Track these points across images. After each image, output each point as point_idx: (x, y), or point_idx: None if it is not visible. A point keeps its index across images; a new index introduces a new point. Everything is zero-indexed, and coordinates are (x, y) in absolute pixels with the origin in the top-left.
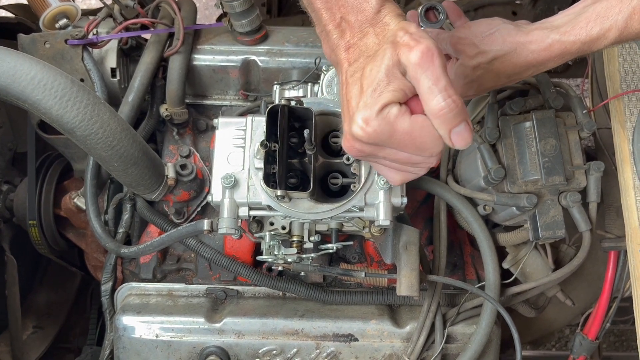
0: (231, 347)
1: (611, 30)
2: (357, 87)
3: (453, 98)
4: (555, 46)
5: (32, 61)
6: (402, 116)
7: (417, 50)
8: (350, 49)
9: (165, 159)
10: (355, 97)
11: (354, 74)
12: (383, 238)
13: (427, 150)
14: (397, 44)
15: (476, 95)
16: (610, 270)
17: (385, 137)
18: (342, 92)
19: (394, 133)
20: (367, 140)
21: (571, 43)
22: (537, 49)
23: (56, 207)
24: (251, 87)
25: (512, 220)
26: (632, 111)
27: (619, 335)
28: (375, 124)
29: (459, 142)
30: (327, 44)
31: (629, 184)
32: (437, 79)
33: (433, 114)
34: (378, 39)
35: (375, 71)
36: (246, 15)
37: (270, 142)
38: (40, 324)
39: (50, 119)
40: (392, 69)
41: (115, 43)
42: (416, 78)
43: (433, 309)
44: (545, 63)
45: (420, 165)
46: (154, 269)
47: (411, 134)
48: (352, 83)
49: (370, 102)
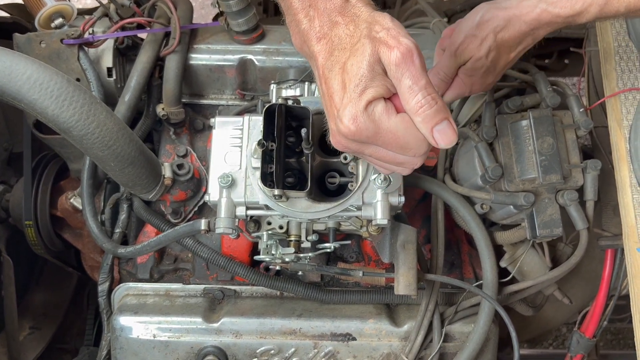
0: (229, 347)
1: (592, 5)
2: (337, 81)
3: (432, 95)
4: (543, 15)
5: (27, 61)
6: (388, 114)
7: (397, 51)
8: (322, 40)
9: (162, 159)
10: (337, 92)
11: (333, 68)
12: (381, 237)
13: (411, 150)
14: (375, 39)
15: (494, 82)
16: (607, 269)
17: (370, 134)
18: (320, 87)
19: (379, 131)
20: (354, 137)
21: (556, 16)
22: (528, 19)
23: (52, 207)
24: (248, 87)
25: (509, 219)
26: (629, 109)
27: (616, 333)
28: (361, 121)
29: (442, 140)
30: (298, 35)
31: (625, 182)
32: (418, 78)
33: (414, 112)
34: (349, 29)
35: (357, 66)
36: (242, 14)
37: (268, 141)
38: (37, 325)
39: (46, 118)
40: (373, 65)
41: (111, 42)
42: (397, 78)
43: (431, 307)
44: (537, 30)
45: (404, 165)
46: (151, 269)
47: (395, 132)
48: (332, 78)
49: (354, 97)
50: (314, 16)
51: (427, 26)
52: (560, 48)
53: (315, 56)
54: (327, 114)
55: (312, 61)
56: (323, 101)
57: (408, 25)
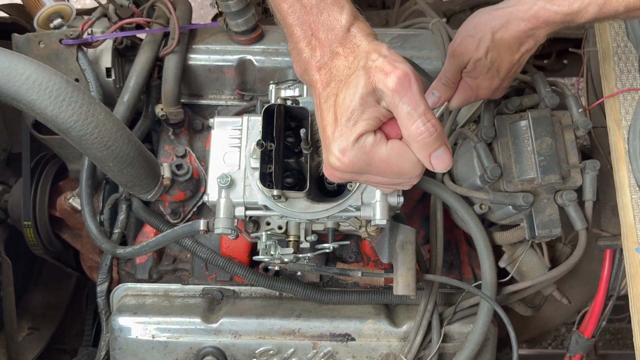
0: (228, 347)
1: (591, 4)
2: (331, 115)
3: (432, 122)
4: (541, 12)
5: (26, 61)
6: (378, 144)
7: (393, 76)
8: (322, 69)
9: (161, 159)
10: (330, 125)
11: (328, 100)
12: (380, 237)
13: (406, 174)
14: (370, 69)
15: (503, 87)
16: (606, 269)
17: (363, 166)
18: (317, 117)
19: (372, 162)
20: (345, 170)
21: (554, 13)
22: (526, 16)
23: (51, 207)
24: (247, 87)
25: (508, 219)
26: (627, 110)
27: (615, 333)
28: (352, 155)
29: (439, 165)
30: (299, 63)
31: (624, 183)
32: (416, 104)
33: (413, 138)
34: (348, 61)
35: (349, 99)
36: (242, 14)
37: (267, 141)
38: (36, 325)
39: (45, 119)
40: (366, 97)
41: (110, 43)
42: (394, 104)
43: (430, 308)
44: (537, 30)
45: (401, 185)
46: (150, 270)
47: (388, 161)
48: (326, 110)
49: (345, 131)
50: (316, 46)
51: (426, 26)
52: (559, 48)
53: (315, 85)
54: (322, 144)
55: (312, 90)
56: (319, 131)
57: (407, 26)
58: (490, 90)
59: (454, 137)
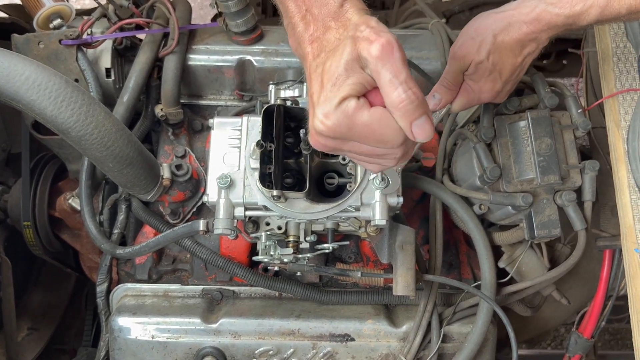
0: (227, 347)
1: (593, 7)
2: (318, 82)
3: (413, 90)
4: (543, 14)
5: (26, 61)
6: (361, 109)
7: (377, 44)
8: (314, 42)
9: (161, 160)
10: (317, 92)
11: (317, 69)
12: (379, 238)
13: (388, 142)
14: (357, 38)
15: (506, 85)
16: (606, 269)
17: (344, 130)
18: (308, 88)
19: (353, 126)
20: (328, 134)
21: (556, 15)
22: (528, 19)
23: (51, 208)
24: (246, 87)
25: (507, 220)
26: (627, 110)
27: (614, 333)
28: (334, 118)
29: (420, 134)
30: (293, 37)
31: (623, 183)
32: (398, 71)
33: (394, 106)
34: (339, 33)
35: (335, 66)
36: (241, 15)
37: (266, 142)
38: (35, 326)
39: (44, 119)
40: (351, 63)
41: (109, 43)
42: (377, 71)
43: (429, 308)
44: (540, 33)
45: (386, 156)
46: (150, 270)
47: (370, 126)
48: (315, 78)
49: (330, 96)
50: (310, 21)
51: (425, 27)
52: (558, 49)
53: (307, 57)
54: (309, 113)
55: (304, 62)
56: (308, 101)
57: (407, 26)
58: (493, 94)
59: (454, 138)
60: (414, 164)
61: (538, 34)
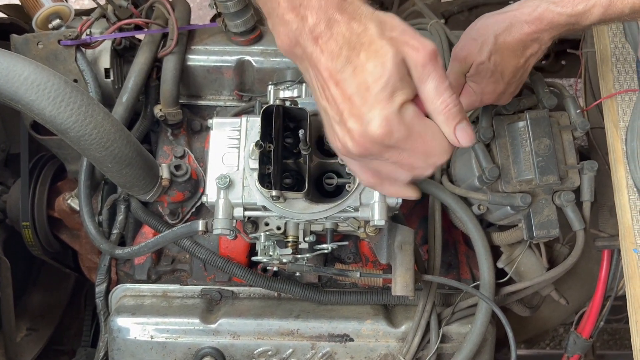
0: (226, 348)
1: (595, 6)
2: (355, 83)
3: (455, 96)
4: (545, 14)
5: (25, 62)
6: (419, 117)
7: (424, 52)
8: (320, 39)
9: (160, 160)
10: (357, 94)
11: (344, 69)
12: (378, 238)
13: (434, 156)
14: (394, 40)
15: (509, 92)
16: (604, 269)
17: (401, 138)
18: (325, 90)
19: (411, 134)
20: (382, 141)
21: (558, 14)
22: (530, 19)
23: (50, 208)
24: (246, 88)
25: (506, 220)
26: (625, 111)
27: (613, 333)
28: (395, 124)
29: (464, 138)
30: (286, 36)
31: (622, 183)
32: (443, 78)
33: (439, 111)
34: (353, 27)
35: (381, 67)
36: (240, 15)
37: (265, 142)
38: (34, 326)
39: (43, 119)
40: (399, 66)
41: (108, 43)
42: (422, 79)
43: (428, 308)
44: (542, 33)
45: (421, 169)
46: (149, 270)
47: (424, 137)
48: (347, 79)
49: (383, 99)
50: (306, 15)
51: (424, 27)
52: (557, 49)
53: (314, 58)
54: (336, 118)
55: (307, 63)
56: (327, 105)
57: None
58: (496, 95)
59: None
60: None
61: (540, 33)
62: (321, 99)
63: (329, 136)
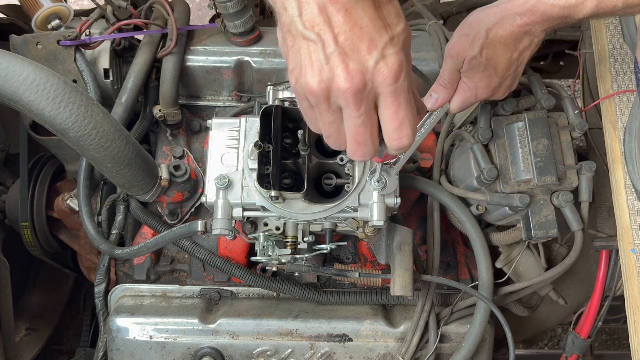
0: (225, 348)
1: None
2: (369, 15)
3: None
4: (538, 6)
5: (24, 62)
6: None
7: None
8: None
9: (159, 160)
10: (375, 24)
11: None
12: (377, 238)
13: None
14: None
15: (505, 87)
16: (602, 270)
17: (405, 86)
18: (332, 19)
19: (406, 89)
20: (391, 81)
21: (551, 6)
22: (522, 10)
23: (49, 208)
24: (245, 88)
25: (505, 220)
26: (623, 111)
27: (611, 333)
28: (406, 68)
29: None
30: None
31: (620, 184)
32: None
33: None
34: None
35: (398, 16)
36: (239, 16)
37: (264, 142)
38: (33, 326)
39: (42, 120)
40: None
41: (108, 44)
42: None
43: (427, 308)
44: (534, 25)
45: (364, 150)
46: (148, 270)
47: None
48: (359, 8)
49: (398, 44)
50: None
51: (423, 28)
52: (555, 50)
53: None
54: (330, 48)
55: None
56: (318, 35)
57: None
58: (490, 90)
59: (451, 139)
60: (411, 165)
61: (532, 26)
62: (305, 23)
63: (300, 75)
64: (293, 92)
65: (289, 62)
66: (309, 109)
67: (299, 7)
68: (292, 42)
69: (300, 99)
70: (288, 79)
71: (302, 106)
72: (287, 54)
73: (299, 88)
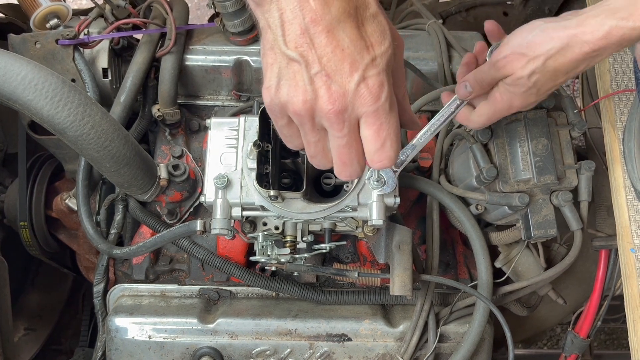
0: (224, 347)
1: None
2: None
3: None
4: (613, 32)
5: (22, 61)
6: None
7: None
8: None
9: (158, 160)
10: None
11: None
12: (376, 238)
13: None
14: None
15: (538, 101)
16: (601, 269)
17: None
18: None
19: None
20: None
21: (630, 29)
22: (592, 38)
23: (47, 208)
24: (244, 88)
25: (504, 220)
26: (623, 111)
27: (610, 333)
28: (386, 90)
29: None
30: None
31: (619, 183)
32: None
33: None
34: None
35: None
36: (238, 15)
37: (263, 142)
38: (32, 326)
39: (41, 119)
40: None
41: (106, 43)
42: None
43: (426, 308)
44: (603, 51)
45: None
46: (147, 270)
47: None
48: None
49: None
50: None
51: (422, 27)
52: None
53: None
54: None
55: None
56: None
57: (404, 27)
58: (524, 107)
59: (451, 138)
60: (411, 165)
61: (601, 51)
62: (289, 43)
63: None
64: (267, 110)
65: (265, 79)
66: (285, 127)
67: (282, 27)
68: (272, 60)
69: (275, 116)
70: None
71: (277, 124)
72: (265, 70)
73: (273, 106)
